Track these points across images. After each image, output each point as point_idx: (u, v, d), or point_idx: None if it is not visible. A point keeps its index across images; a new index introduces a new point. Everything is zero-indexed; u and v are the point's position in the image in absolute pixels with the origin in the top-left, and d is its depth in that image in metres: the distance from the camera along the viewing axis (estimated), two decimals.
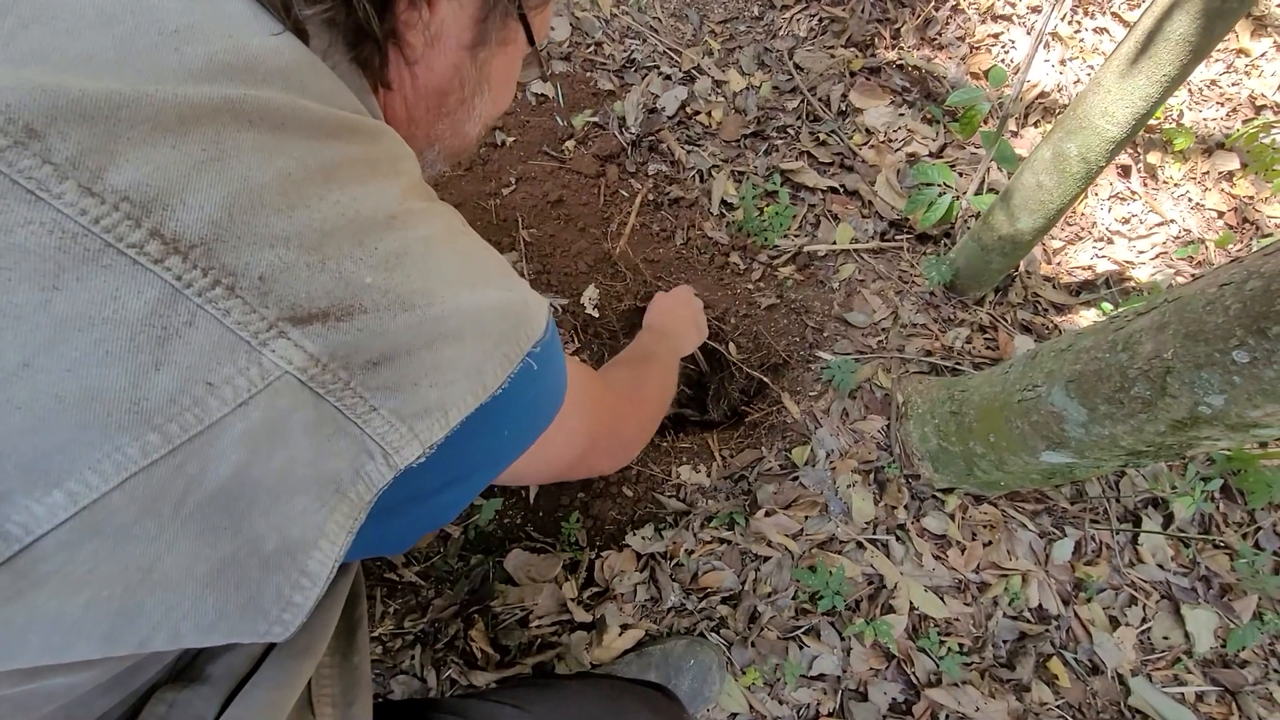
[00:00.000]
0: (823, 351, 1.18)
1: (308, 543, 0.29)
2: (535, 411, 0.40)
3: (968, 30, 1.46)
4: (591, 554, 1.04)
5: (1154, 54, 0.75)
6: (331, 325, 0.28)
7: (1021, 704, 0.98)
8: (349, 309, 0.29)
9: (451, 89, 0.42)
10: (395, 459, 0.31)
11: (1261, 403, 0.56)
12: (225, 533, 0.27)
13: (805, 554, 1.04)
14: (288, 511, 0.28)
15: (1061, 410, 0.76)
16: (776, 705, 0.96)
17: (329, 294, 0.28)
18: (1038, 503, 1.11)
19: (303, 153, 0.29)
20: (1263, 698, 1.03)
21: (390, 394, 0.30)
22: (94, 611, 0.26)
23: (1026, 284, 1.28)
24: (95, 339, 0.24)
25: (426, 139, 0.45)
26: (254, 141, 0.28)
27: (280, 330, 0.27)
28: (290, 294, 0.27)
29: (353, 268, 0.29)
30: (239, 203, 0.27)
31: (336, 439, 0.29)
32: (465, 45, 0.41)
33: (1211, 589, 1.10)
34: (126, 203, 0.25)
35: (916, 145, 1.35)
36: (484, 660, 0.95)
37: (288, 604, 0.30)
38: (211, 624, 0.28)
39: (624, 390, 0.71)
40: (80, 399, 0.24)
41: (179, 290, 0.25)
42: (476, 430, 0.34)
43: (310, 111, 0.30)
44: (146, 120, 0.26)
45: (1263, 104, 1.44)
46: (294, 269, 0.27)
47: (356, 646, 0.48)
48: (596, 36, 1.39)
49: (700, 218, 1.29)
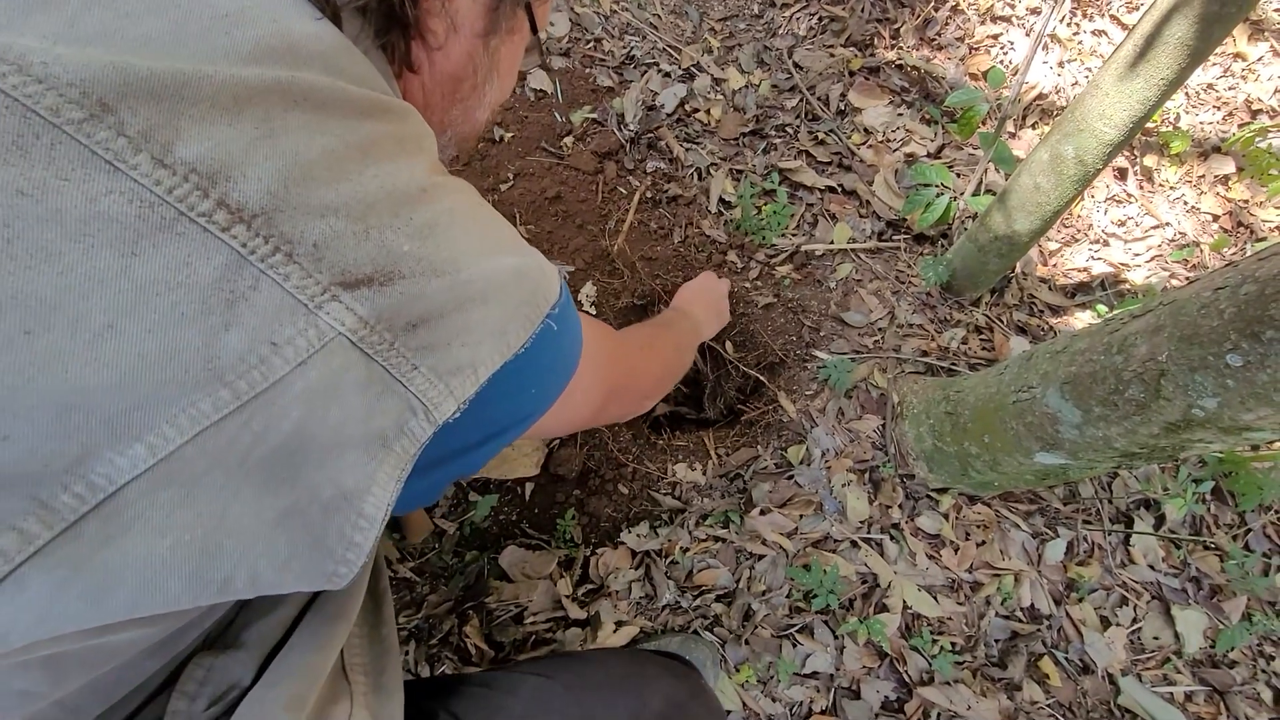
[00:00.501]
0: (819, 351, 1.18)
1: (361, 490, 0.31)
2: (557, 368, 0.43)
3: (967, 31, 1.46)
4: (587, 551, 1.04)
5: (1152, 57, 0.75)
6: (376, 289, 0.30)
7: (1013, 703, 0.99)
8: (390, 275, 0.31)
9: (466, 75, 0.45)
10: (435, 414, 0.32)
11: (1254, 406, 0.56)
12: (285, 483, 0.29)
13: (800, 552, 1.04)
14: (340, 464, 0.30)
15: (1056, 412, 0.76)
16: (770, 703, 0.96)
17: (373, 260, 0.30)
18: (1031, 503, 1.12)
19: (343, 130, 0.31)
20: (1250, 698, 1.04)
21: (428, 353, 0.32)
22: (179, 552, 0.27)
23: (1023, 285, 1.28)
24: (172, 302, 0.26)
25: (440, 125, 0.47)
26: (300, 120, 0.30)
27: (333, 294, 0.29)
28: (340, 260, 0.29)
29: (393, 236, 0.31)
30: (292, 176, 0.29)
31: (385, 397, 0.31)
32: (479, 33, 0.43)
33: (1201, 590, 1.10)
34: (195, 174, 0.27)
35: (915, 145, 1.35)
36: (478, 656, 0.95)
37: (350, 544, 0.31)
38: (285, 562, 0.30)
39: (638, 346, 0.75)
40: (160, 358, 0.26)
41: (244, 257, 0.27)
42: (504, 387, 0.36)
43: (347, 92, 0.32)
44: (206, 99, 0.27)
45: (1259, 108, 1.45)
46: (343, 237, 0.29)
47: (384, 618, 0.50)
48: (596, 33, 1.38)
49: (698, 216, 1.29)
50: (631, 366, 0.65)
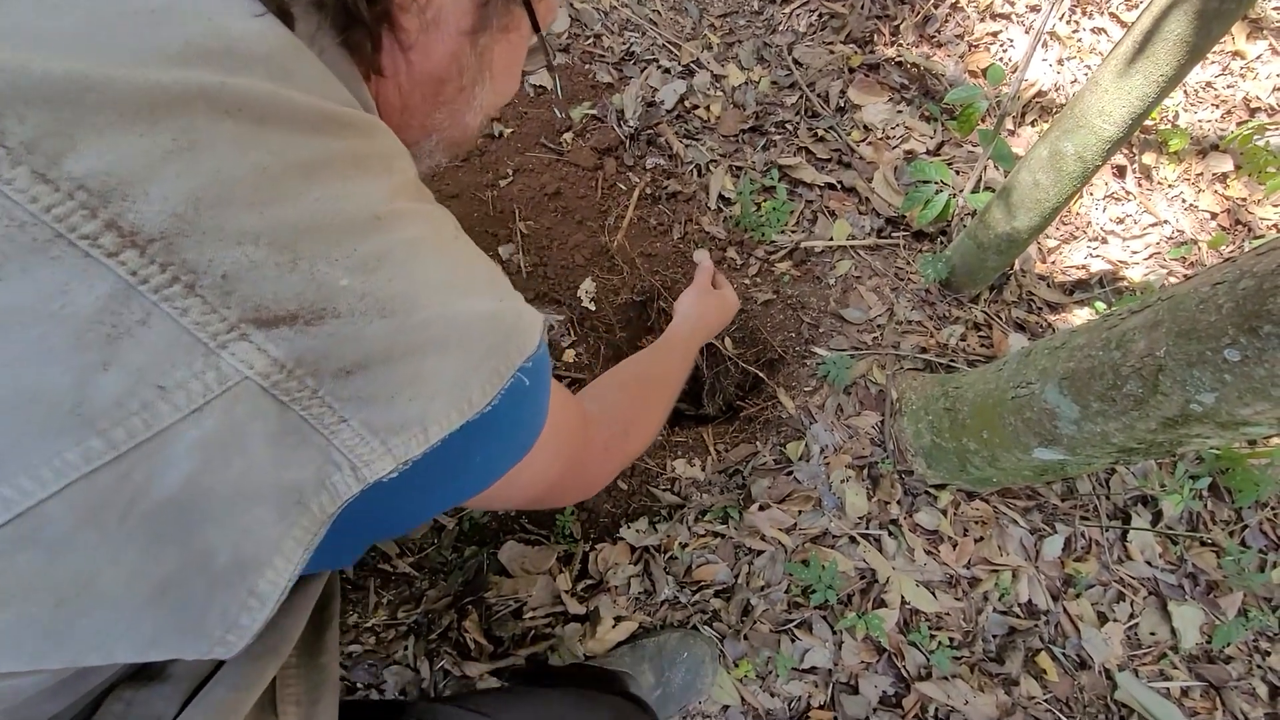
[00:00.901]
0: (818, 347, 1.19)
1: (261, 560, 0.28)
2: (520, 432, 0.38)
3: (966, 28, 1.46)
4: (586, 546, 1.05)
5: (1151, 54, 0.75)
6: (300, 329, 0.27)
7: (1010, 697, 0.99)
8: (320, 313, 0.27)
9: (450, 77, 0.41)
10: (364, 472, 0.29)
11: (1251, 401, 0.57)
12: (173, 544, 0.26)
13: (798, 548, 1.04)
14: (244, 522, 0.27)
15: (1054, 407, 0.76)
16: (768, 698, 0.97)
17: (299, 296, 0.27)
18: (1029, 499, 1.12)
19: (283, 146, 0.28)
20: (1246, 693, 1.04)
21: (363, 405, 0.28)
22: (21, 628, 0.24)
23: (1021, 282, 1.29)
24: (38, 335, 0.23)
25: (423, 129, 0.43)
26: (231, 133, 0.26)
27: (242, 332, 0.26)
28: (256, 294, 0.26)
29: (327, 269, 0.28)
30: (207, 196, 0.25)
31: (301, 449, 0.27)
32: (465, 31, 0.39)
33: (1198, 586, 1.11)
34: (83, 191, 0.24)
35: (914, 142, 1.35)
36: (477, 651, 0.96)
37: (233, 625, 0.28)
38: (148, 643, 0.27)
39: (610, 422, 0.62)
40: (16, 399, 0.23)
41: (133, 286, 0.24)
42: (459, 448, 0.32)
43: (294, 103, 0.29)
44: (113, 105, 0.24)
45: (1257, 106, 1.45)
46: (262, 268, 0.26)
47: (325, 646, 0.46)
48: (595, 29, 1.38)
49: (698, 212, 1.29)
50: (596, 450, 0.56)
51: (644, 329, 1.27)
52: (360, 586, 0.98)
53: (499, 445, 0.37)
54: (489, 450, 0.36)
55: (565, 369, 1.15)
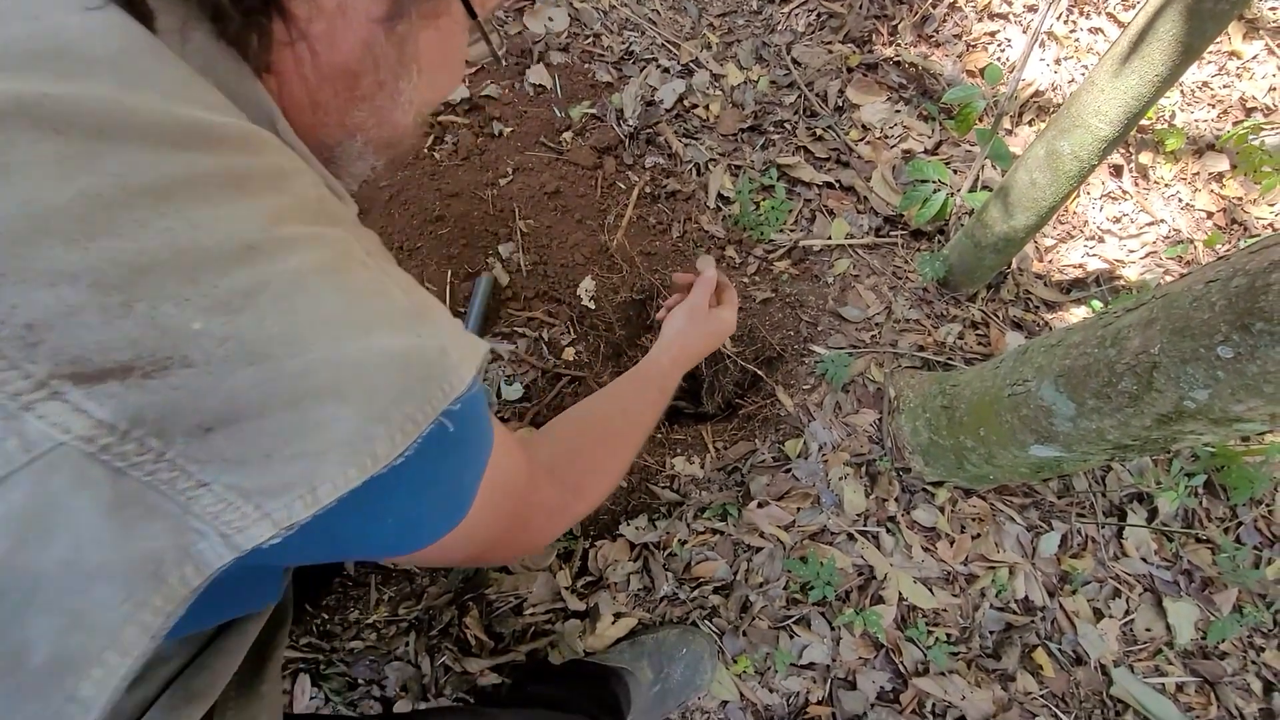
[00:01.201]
0: (817, 345, 1.19)
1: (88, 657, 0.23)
2: (447, 485, 0.34)
3: (964, 28, 1.47)
4: (585, 543, 1.05)
5: (1146, 54, 0.76)
6: (135, 384, 0.23)
7: (1006, 693, 1.00)
8: (164, 363, 0.23)
9: (364, 70, 0.36)
10: (238, 540, 0.25)
11: (1244, 397, 0.57)
12: None
13: (797, 545, 1.05)
14: (77, 605, 0.23)
15: (1050, 405, 0.77)
16: (767, 693, 0.97)
17: (134, 344, 0.23)
18: (1025, 497, 1.13)
19: (126, 167, 0.24)
20: (1240, 689, 1.05)
21: (229, 466, 0.24)
22: None
23: (1018, 281, 1.29)
24: None
25: (343, 128, 0.38)
26: (54, 154, 0.23)
27: (53, 390, 0.22)
28: (71, 345, 0.22)
29: (174, 311, 0.24)
30: (13, 230, 0.22)
31: (148, 520, 0.24)
32: (376, 19, 0.35)
33: (1193, 582, 1.12)
34: None
35: (912, 142, 1.36)
36: (478, 648, 0.96)
37: None
38: None
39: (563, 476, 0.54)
40: None
41: None
42: (366, 507, 0.28)
43: (147, 114, 0.25)
44: None
45: (1253, 106, 1.46)
46: (80, 313, 0.22)
47: (267, 675, 0.42)
48: (595, 28, 1.38)
49: (697, 211, 1.29)
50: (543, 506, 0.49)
51: (643, 327, 1.27)
52: (361, 583, 0.99)
53: (422, 502, 0.33)
54: (409, 507, 0.32)
55: (565, 367, 1.15)
